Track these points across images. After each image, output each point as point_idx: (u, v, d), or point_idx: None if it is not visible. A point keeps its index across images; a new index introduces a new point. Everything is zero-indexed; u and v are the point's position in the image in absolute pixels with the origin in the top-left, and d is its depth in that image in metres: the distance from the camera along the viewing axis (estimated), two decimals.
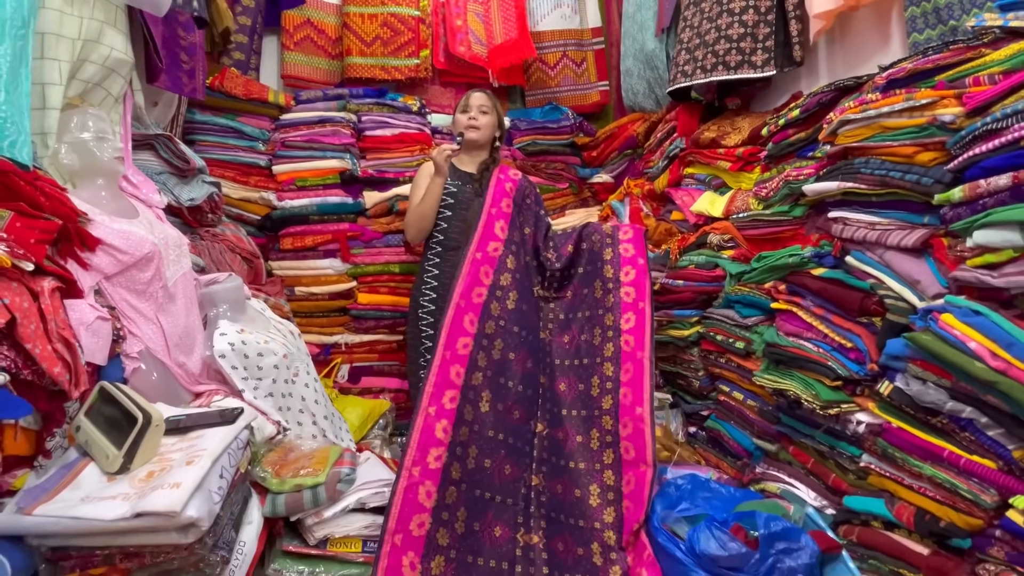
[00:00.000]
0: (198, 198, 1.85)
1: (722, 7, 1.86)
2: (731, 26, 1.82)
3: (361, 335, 2.50)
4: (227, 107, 2.36)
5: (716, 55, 1.85)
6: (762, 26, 1.77)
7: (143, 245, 1.36)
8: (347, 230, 2.44)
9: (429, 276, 1.97)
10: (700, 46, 1.93)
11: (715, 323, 1.85)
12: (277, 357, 1.62)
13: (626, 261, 1.80)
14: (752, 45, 1.78)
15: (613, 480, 1.60)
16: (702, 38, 1.92)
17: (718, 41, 1.84)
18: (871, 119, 1.31)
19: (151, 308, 1.40)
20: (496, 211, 1.82)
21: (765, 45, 1.76)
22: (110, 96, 1.52)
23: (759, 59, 1.78)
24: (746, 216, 1.75)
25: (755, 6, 1.77)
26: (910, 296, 1.22)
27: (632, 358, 1.71)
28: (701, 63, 1.90)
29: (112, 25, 1.44)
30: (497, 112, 2.11)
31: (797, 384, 1.45)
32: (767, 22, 1.76)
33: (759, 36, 1.77)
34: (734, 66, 1.80)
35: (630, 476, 1.58)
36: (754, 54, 1.77)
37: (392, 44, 2.69)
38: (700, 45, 1.93)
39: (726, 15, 1.84)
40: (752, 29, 1.78)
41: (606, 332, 1.77)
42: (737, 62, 1.80)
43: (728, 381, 1.84)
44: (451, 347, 1.59)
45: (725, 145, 1.91)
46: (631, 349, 1.71)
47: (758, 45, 1.77)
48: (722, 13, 1.86)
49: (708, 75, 1.87)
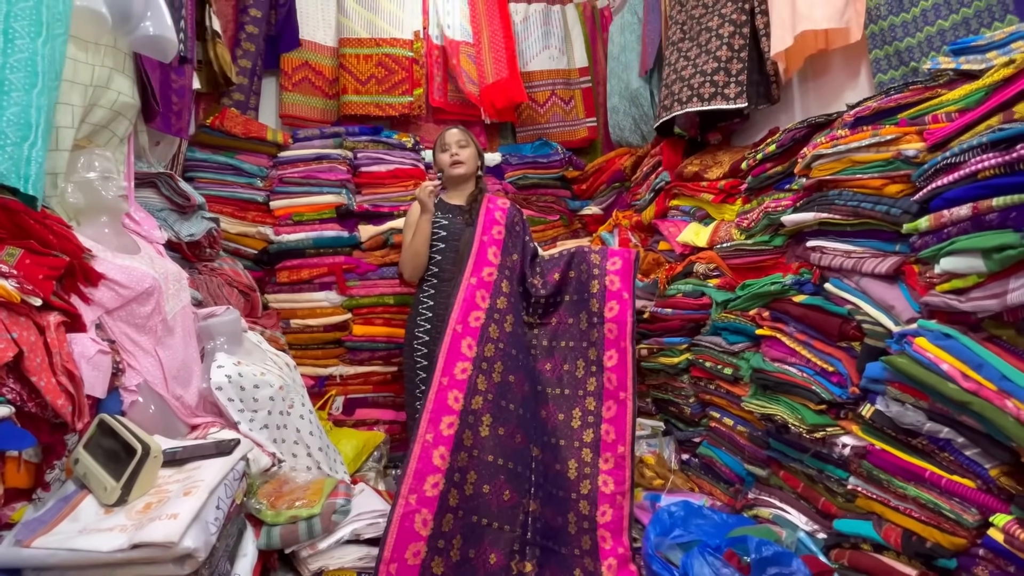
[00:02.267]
0: (197, 233, 1.90)
1: (700, 48, 1.96)
2: (707, 62, 1.92)
3: (356, 367, 2.52)
4: (227, 145, 2.43)
5: (691, 88, 1.94)
6: (735, 62, 1.86)
7: (144, 280, 1.39)
8: (343, 263, 2.48)
9: (424, 307, 2.00)
10: (676, 80, 2.03)
11: (704, 350, 1.89)
12: (273, 389, 1.65)
13: (611, 295, 1.84)
14: (725, 79, 1.87)
15: (588, 510, 1.63)
16: (679, 74, 2.02)
17: (693, 76, 1.94)
18: (842, 153, 1.39)
19: (150, 341, 1.43)
20: (488, 238, 1.88)
21: (738, 79, 1.85)
22: (116, 137, 1.58)
23: (732, 92, 1.86)
24: (730, 246, 1.81)
25: (728, 43, 1.87)
26: (886, 321, 1.27)
27: (615, 397, 1.76)
28: (678, 96, 1.99)
29: (120, 71, 1.51)
30: (474, 143, 2.17)
31: (784, 409, 1.49)
32: (740, 59, 1.86)
33: (732, 71, 1.86)
34: (707, 97, 1.89)
35: (605, 508, 1.62)
36: (727, 87, 1.86)
37: (386, 83, 2.79)
38: (677, 80, 2.03)
39: (704, 54, 1.94)
40: (725, 64, 1.87)
41: (589, 366, 1.81)
42: (710, 94, 1.88)
43: (718, 407, 1.87)
44: (448, 372, 1.62)
45: (708, 178, 1.98)
46: (613, 388, 1.76)
47: (731, 79, 1.86)
48: (700, 53, 1.96)
49: (684, 106, 1.96)
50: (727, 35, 1.87)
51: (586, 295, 1.87)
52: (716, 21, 1.92)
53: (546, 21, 3.08)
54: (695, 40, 1.99)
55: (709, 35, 1.93)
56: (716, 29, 1.91)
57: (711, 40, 1.92)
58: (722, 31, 1.89)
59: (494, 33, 2.97)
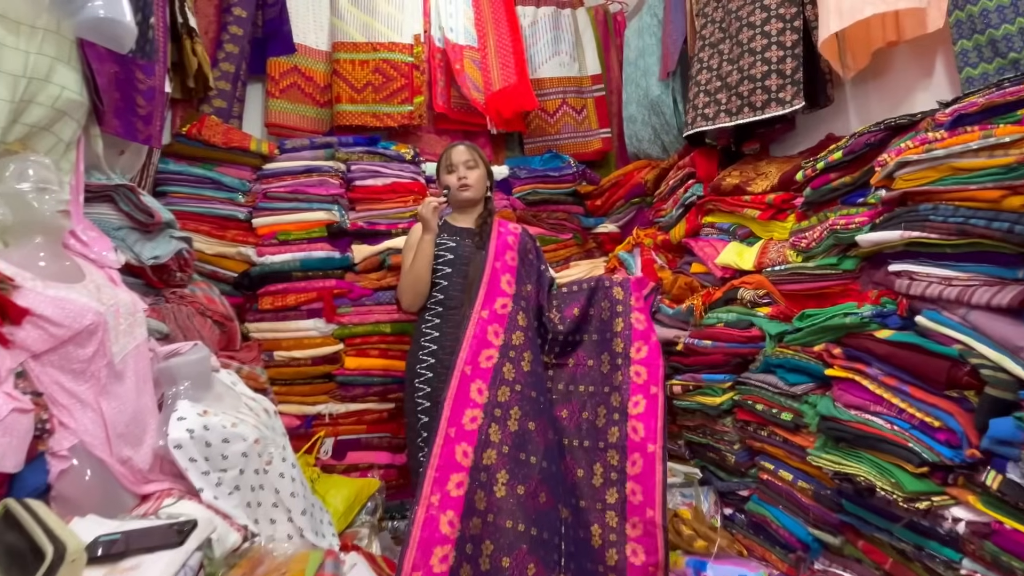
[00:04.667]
0: (163, 256, 1.63)
1: (743, 48, 1.73)
2: (754, 65, 1.69)
3: (348, 404, 2.24)
4: (205, 156, 2.18)
5: (741, 97, 1.71)
6: (789, 60, 1.64)
7: (83, 316, 1.12)
8: (333, 287, 2.21)
9: (427, 340, 1.72)
10: (722, 89, 1.80)
11: (754, 390, 1.62)
12: (247, 443, 1.36)
13: (638, 335, 1.61)
14: (779, 82, 1.64)
15: None
16: (723, 80, 1.79)
17: (741, 83, 1.71)
18: (938, 159, 1.14)
19: (91, 391, 1.15)
20: (501, 264, 1.63)
21: (794, 79, 1.62)
22: (60, 142, 1.32)
23: (788, 94, 1.63)
24: (784, 269, 1.56)
25: (778, 41, 1.65)
26: (1012, 367, 1.02)
27: (641, 449, 1.50)
28: (725, 106, 1.76)
29: (65, 62, 1.26)
30: (483, 162, 1.93)
31: (869, 469, 1.22)
32: (794, 55, 1.63)
33: (786, 71, 1.64)
34: (760, 106, 1.66)
35: None
36: (782, 90, 1.63)
37: (384, 90, 2.56)
38: (722, 88, 1.80)
39: (748, 55, 1.71)
40: (778, 65, 1.65)
41: (611, 414, 1.57)
42: (763, 101, 1.66)
43: (772, 457, 1.60)
44: (456, 422, 1.35)
45: (751, 192, 1.74)
46: (640, 439, 1.50)
47: (786, 80, 1.63)
48: (743, 54, 1.73)
49: (734, 118, 1.73)
50: (775, 32, 1.65)
51: (608, 334, 1.63)
52: (760, 16, 1.70)
53: (556, 25, 2.87)
54: (735, 39, 1.76)
55: (753, 32, 1.71)
56: (761, 26, 1.69)
57: (756, 38, 1.69)
58: (769, 28, 1.67)
59: (501, 37, 2.76)
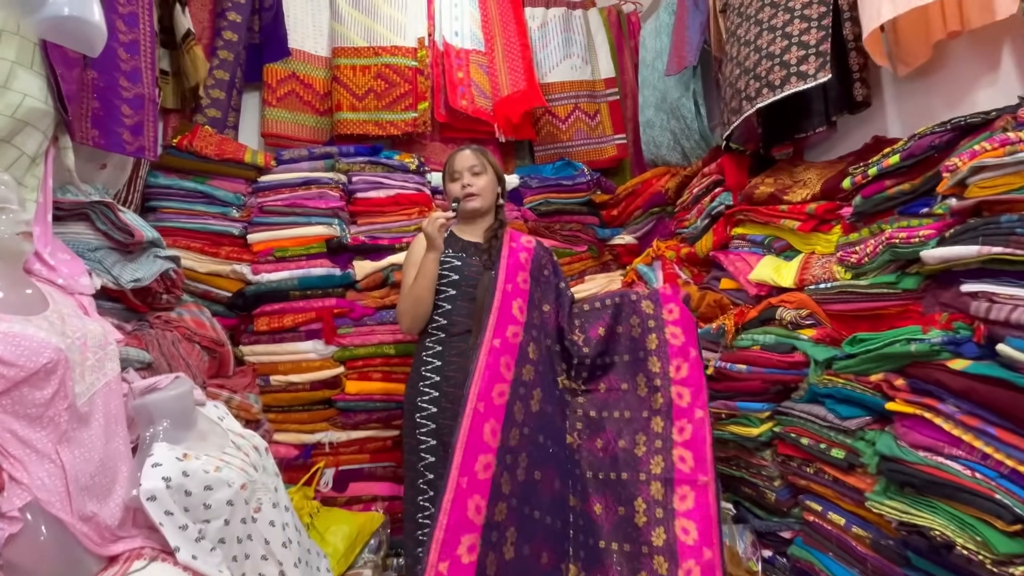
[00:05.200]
0: (145, 278, 1.49)
1: (762, 26, 1.56)
2: (773, 42, 1.51)
3: (349, 431, 2.09)
4: (197, 169, 2.05)
5: (759, 78, 1.53)
6: (814, 31, 1.44)
7: (40, 353, 0.98)
8: (333, 306, 2.07)
9: (429, 369, 1.55)
10: (742, 76, 1.63)
11: (797, 421, 1.46)
12: (232, 489, 1.21)
13: (675, 352, 1.45)
14: (800, 53, 1.44)
15: None
16: (742, 65, 1.62)
17: (759, 63, 1.54)
18: (1022, 164, 0.98)
19: (48, 439, 1.01)
20: (512, 288, 1.47)
21: (819, 50, 1.43)
22: (24, 156, 1.18)
23: (811, 66, 1.43)
24: (830, 287, 1.40)
25: (803, 15, 1.46)
26: None
27: (691, 481, 1.34)
28: (745, 93, 1.58)
29: (27, 66, 1.12)
30: (493, 167, 1.74)
31: (945, 521, 1.05)
32: (820, 27, 1.44)
33: (809, 42, 1.44)
34: (779, 84, 1.48)
35: None
36: (804, 62, 1.43)
37: (387, 97, 2.42)
38: (742, 75, 1.63)
39: (767, 32, 1.54)
40: (800, 37, 1.46)
41: (652, 442, 1.40)
42: (782, 78, 1.47)
43: (820, 498, 1.43)
44: (469, 470, 1.19)
45: (789, 201, 1.58)
46: (689, 470, 1.34)
47: (808, 51, 1.44)
48: (762, 32, 1.55)
49: (752, 103, 1.55)
50: (800, 6, 1.48)
51: (642, 353, 1.47)
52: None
53: (567, 27, 2.73)
54: (755, 18, 1.59)
55: (775, 10, 1.54)
56: (785, 2, 1.52)
57: (777, 15, 1.52)
58: (793, 3, 1.50)
59: (508, 40, 2.62)
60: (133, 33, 1.66)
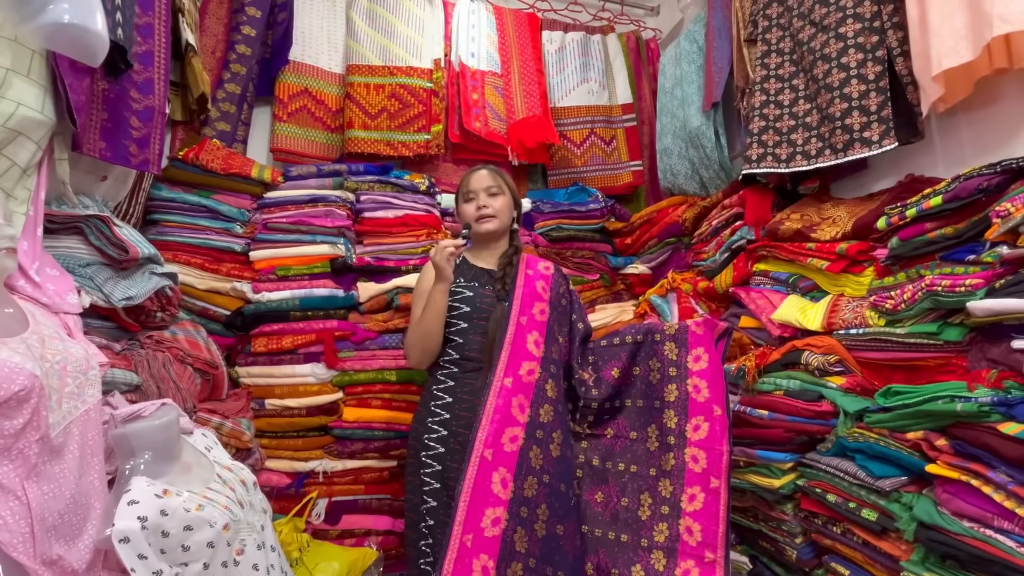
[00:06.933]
0: (138, 296, 1.42)
1: (819, 84, 1.53)
2: (832, 103, 1.48)
3: (345, 460, 1.99)
4: (202, 183, 2.00)
5: (822, 139, 1.50)
6: (873, 95, 1.42)
7: (12, 380, 0.91)
8: (335, 329, 1.99)
9: (438, 405, 1.45)
10: (797, 128, 1.60)
11: (823, 476, 1.36)
12: (214, 530, 1.13)
13: (696, 408, 1.33)
14: (863, 119, 1.42)
15: None
16: (799, 120, 1.59)
17: (822, 123, 1.50)
18: None
19: (15, 473, 0.93)
20: (528, 320, 1.38)
21: (881, 116, 1.40)
22: (15, 166, 1.13)
23: (875, 133, 1.41)
24: (862, 333, 1.31)
25: (860, 75, 1.43)
26: None
27: (696, 557, 1.22)
28: (802, 148, 1.56)
29: (23, 74, 1.07)
30: (510, 189, 1.65)
31: None
32: (879, 89, 1.41)
33: (870, 107, 1.42)
34: (842, 148, 1.45)
35: None
36: (867, 129, 1.41)
37: (400, 117, 2.38)
38: (798, 127, 1.60)
39: (824, 91, 1.51)
40: (860, 101, 1.44)
41: (659, 506, 1.29)
42: (845, 143, 1.44)
43: (847, 560, 1.33)
44: (473, 526, 1.09)
45: (816, 239, 1.50)
46: (696, 544, 1.22)
47: (871, 118, 1.41)
48: (820, 90, 1.53)
49: (812, 161, 1.52)
50: (855, 64, 1.44)
51: (658, 403, 1.37)
52: (835, 46, 1.49)
53: (585, 52, 2.69)
54: (809, 73, 1.56)
55: (829, 66, 1.50)
56: (837, 58, 1.49)
57: (832, 72, 1.48)
58: (846, 59, 1.46)
59: (525, 63, 2.59)
60: (147, 44, 1.62)
